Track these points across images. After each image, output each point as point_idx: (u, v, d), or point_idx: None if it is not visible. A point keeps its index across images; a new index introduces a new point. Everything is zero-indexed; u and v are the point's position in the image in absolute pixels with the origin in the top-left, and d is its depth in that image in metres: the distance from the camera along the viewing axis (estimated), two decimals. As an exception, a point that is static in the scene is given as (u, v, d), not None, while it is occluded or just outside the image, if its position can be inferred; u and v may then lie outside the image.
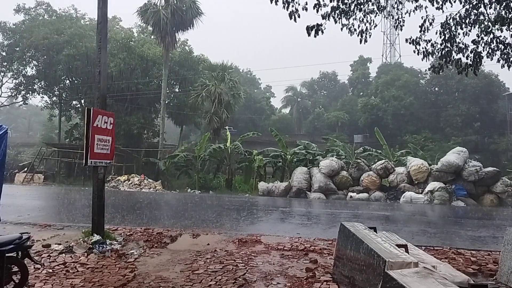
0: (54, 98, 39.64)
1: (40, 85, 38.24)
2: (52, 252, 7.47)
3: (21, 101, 39.37)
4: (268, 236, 9.67)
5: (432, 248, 8.62)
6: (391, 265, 3.85)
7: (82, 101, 38.41)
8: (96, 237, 8.02)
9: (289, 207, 18.34)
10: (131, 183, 27.02)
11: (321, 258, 7.44)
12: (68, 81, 38.49)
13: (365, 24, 8.16)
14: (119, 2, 29.61)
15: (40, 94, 39.34)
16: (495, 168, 22.33)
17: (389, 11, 8.94)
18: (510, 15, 7.62)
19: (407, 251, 4.93)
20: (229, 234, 9.79)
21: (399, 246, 4.95)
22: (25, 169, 32.16)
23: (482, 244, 9.74)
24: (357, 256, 4.95)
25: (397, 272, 3.60)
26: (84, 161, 8.19)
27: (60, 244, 8.03)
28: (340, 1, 7.75)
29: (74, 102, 40.16)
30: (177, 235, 9.43)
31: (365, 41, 8.25)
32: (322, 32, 7.68)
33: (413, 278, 3.38)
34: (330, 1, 7.69)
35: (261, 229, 10.94)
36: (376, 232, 5.82)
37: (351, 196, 22.63)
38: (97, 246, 7.75)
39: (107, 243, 8.05)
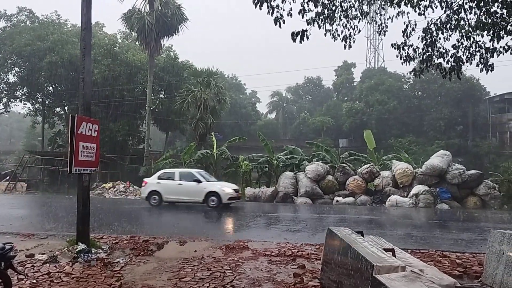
0: (37, 105, 39.10)
1: (23, 92, 37.68)
2: (36, 262, 7.33)
3: (3, 108, 38.73)
4: (256, 242, 9.65)
5: (418, 251, 8.69)
6: (379, 269, 3.86)
7: (66, 108, 37.99)
8: (81, 246, 7.90)
9: (276, 212, 18.32)
10: (116, 190, 26.74)
11: (309, 263, 7.45)
12: (51, 88, 38.02)
13: (348, 30, 8.25)
14: (102, 8, 29.32)
15: (23, 101, 38.80)
16: (478, 171, 22.66)
17: (372, 17, 9.06)
18: (489, 20, 7.78)
19: (394, 255, 4.96)
20: (216, 241, 9.74)
21: (386, 250, 4.98)
22: (7, 177, 31.61)
23: (467, 247, 9.87)
24: (345, 261, 4.96)
25: (385, 276, 3.62)
26: (68, 168, 8.07)
27: (44, 253, 7.89)
28: (324, 7, 7.83)
29: (57, 109, 39.70)
30: (164, 242, 9.35)
31: (349, 46, 8.34)
32: (307, 38, 7.74)
33: (401, 282, 3.40)
34: (315, 7, 7.76)
35: (248, 235, 10.92)
36: (363, 236, 5.85)
37: (337, 201, 22.71)
38: (82, 255, 7.64)
39: (93, 251, 7.94)
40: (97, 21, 40.97)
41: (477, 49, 8.14)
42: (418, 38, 8.32)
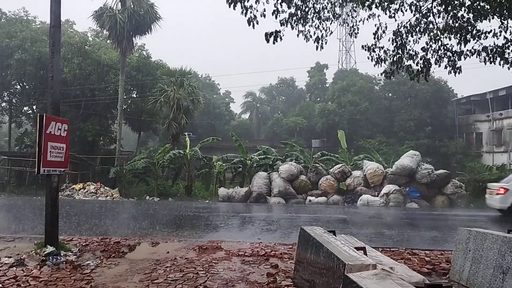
0: (4, 104, 37.89)
1: (-12, 91, 36.46)
2: (1, 266, 7.09)
3: (-33, 107, 37.38)
4: (229, 242, 9.62)
5: (388, 249, 8.86)
6: (351, 267, 3.91)
7: (34, 107, 36.97)
8: (50, 249, 7.69)
9: (250, 212, 18.35)
10: (87, 191, 26.18)
11: (282, 263, 7.48)
12: (19, 87, 36.90)
13: (321, 31, 8.37)
14: (72, 5, 28.65)
15: (-12, 100, 37.54)
16: (445, 171, 23.35)
17: (344, 19, 9.21)
18: (457, 24, 8.02)
19: (365, 253, 5.04)
20: (189, 241, 9.66)
21: (357, 248, 5.05)
22: (-29, 179, 30.50)
23: (435, 244, 10.12)
24: (317, 259, 5.01)
25: (357, 274, 3.67)
26: (36, 169, 7.86)
27: (10, 257, 7.64)
28: (297, 8, 7.90)
29: (25, 108, 38.58)
30: (136, 244, 9.21)
31: (321, 47, 8.44)
32: (281, 38, 7.80)
33: (372, 280, 3.45)
34: (288, 8, 7.82)
35: (221, 236, 10.89)
36: (335, 236, 5.92)
37: (310, 200, 22.93)
38: (50, 258, 7.44)
39: (62, 254, 7.74)
40: (67, 18, 40.12)
41: (445, 52, 8.39)
42: (389, 40, 8.50)
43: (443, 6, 7.90)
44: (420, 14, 8.33)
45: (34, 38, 32.87)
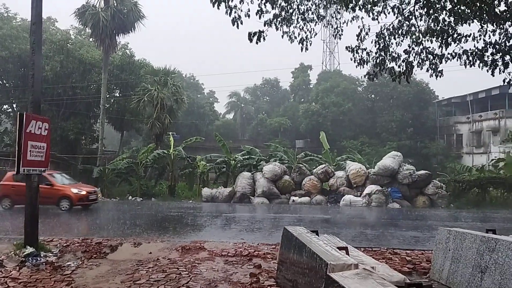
0: (-18, 102, 37.06)
1: (-34, 88, 35.60)
2: (-21, 268, 6.96)
3: None
4: (212, 242, 9.61)
5: (370, 249, 8.96)
6: (333, 267, 3.94)
7: (14, 105, 36.22)
8: (29, 250, 7.57)
9: (233, 212, 18.34)
10: (68, 191, 25.75)
11: (265, 263, 7.50)
12: (-2, 84, 36.16)
13: (305, 32, 8.40)
14: (54, 2, 28.20)
15: (-34, 98, 36.62)
16: (426, 171, 23.68)
17: (328, 21, 9.28)
18: (438, 27, 8.15)
19: (347, 253, 5.08)
20: (172, 242, 9.62)
21: (340, 248, 5.09)
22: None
23: (416, 244, 10.27)
24: (300, 259, 5.03)
25: (339, 274, 3.69)
26: (16, 169, 7.74)
27: (-12, 258, 7.51)
28: (281, 9, 7.93)
29: (5, 107, 37.78)
30: (118, 244, 9.13)
31: (306, 48, 8.48)
32: (264, 39, 7.81)
33: (354, 280, 3.49)
34: (273, 8, 7.83)
35: (204, 236, 10.87)
36: (318, 236, 5.95)
37: (293, 200, 23.01)
38: (30, 259, 7.32)
39: (42, 255, 7.63)
40: (48, 15, 39.25)
41: (427, 55, 8.50)
42: (372, 42, 8.59)
43: (425, 9, 8.01)
44: (403, 17, 8.43)
45: (14, 36, 32.23)
